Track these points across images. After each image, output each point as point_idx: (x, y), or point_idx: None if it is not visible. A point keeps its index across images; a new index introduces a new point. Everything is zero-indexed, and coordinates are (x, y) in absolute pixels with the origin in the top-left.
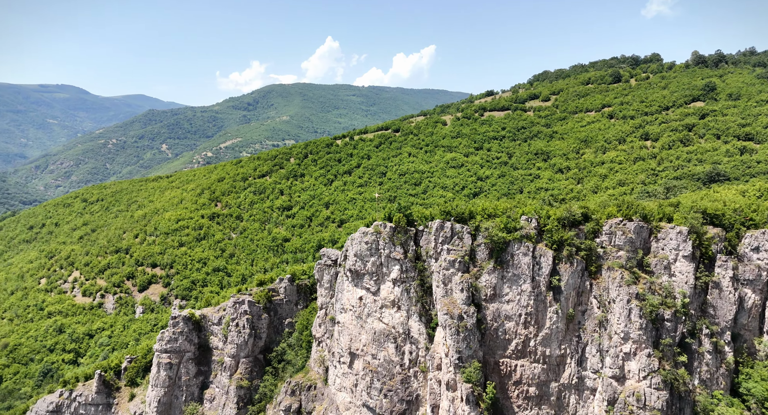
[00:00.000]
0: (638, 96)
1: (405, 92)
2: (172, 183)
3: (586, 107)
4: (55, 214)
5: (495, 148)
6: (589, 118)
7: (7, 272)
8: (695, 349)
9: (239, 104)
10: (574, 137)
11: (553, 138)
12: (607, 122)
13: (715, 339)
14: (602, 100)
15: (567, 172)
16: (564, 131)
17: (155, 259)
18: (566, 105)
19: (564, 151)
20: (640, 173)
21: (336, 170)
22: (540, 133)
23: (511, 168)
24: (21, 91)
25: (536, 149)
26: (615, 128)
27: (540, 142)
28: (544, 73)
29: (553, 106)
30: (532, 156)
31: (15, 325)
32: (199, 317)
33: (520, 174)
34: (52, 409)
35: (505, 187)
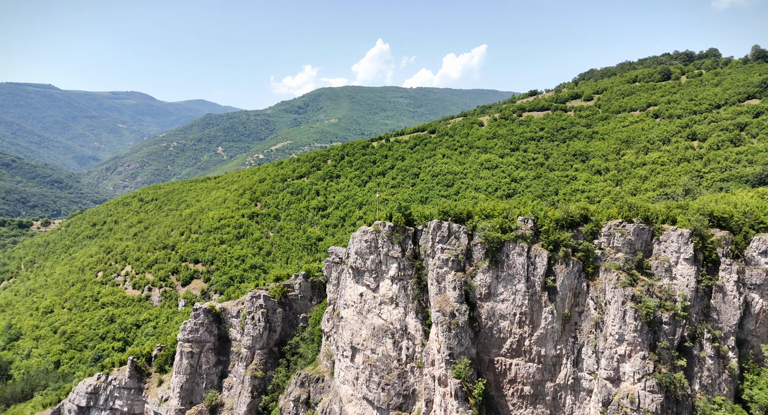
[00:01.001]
0: (687, 94)
1: (453, 93)
2: (219, 184)
3: (630, 106)
4: (115, 212)
5: (532, 149)
6: (632, 118)
7: (70, 265)
8: (696, 353)
9: (290, 108)
10: (615, 138)
11: (593, 139)
12: (652, 122)
13: (718, 344)
14: (648, 98)
15: (605, 174)
16: (605, 132)
17: (197, 255)
18: (609, 104)
19: (603, 152)
20: (683, 175)
21: (370, 172)
22: (580, 133)
23: (547, 169)
24: (95, 99)
25: (574, 150)
26: (659, 128)
27: (579, 143)
28: (590, 72)
29: (595, 106)
30: (570, 157)
31: (73, 314)
32: (219, 309)
33: (556, 176)
34: (90, 391)
35: (540, 188)
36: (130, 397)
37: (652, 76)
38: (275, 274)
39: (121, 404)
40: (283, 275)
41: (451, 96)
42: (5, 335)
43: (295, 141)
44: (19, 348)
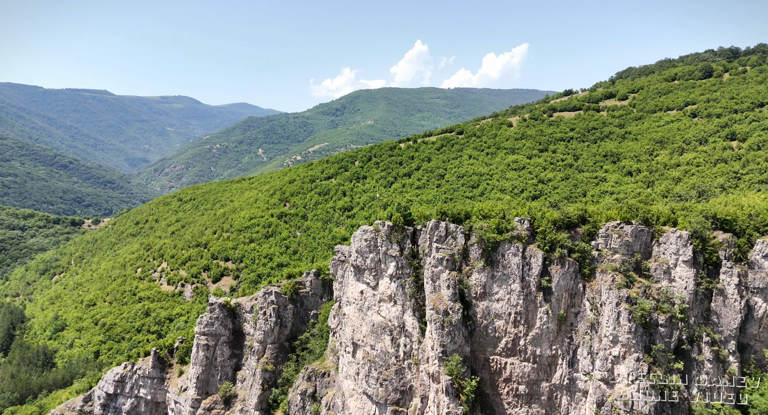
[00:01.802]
0: (728, 92)
1: (491, 93)
2: (252, 184)
3: (666, 106)
4: (156, 211)
5: (561, 149)
6: (668, 118)
7: (114, 261)
8: (694, 357)
9: (328, 110)
10: (649, 138)
11: (625, 139)
12: (689, 121)
13: (717, 348)
14: (686, 97)
15: (636, 176)
16: (638, 132)
17: (228, 253)
18: (644, 104)
19: (636, 153)
20: (719, 176)
21: (396, 173)
22: (612, 134)
23: (576, 170)
24: (146, 103)
25: (605, 151)
26: (697, 128)
27: (611, 144)
28: (628, 70)
29: (629, 106)
30: (600, 158)
31: (113, 307)
32: (234, 305)
33: (584, 177)
34: (117, 379)
35: (568, 190)
36: (153, 386)
37: (692, 73)
38: (288, 271)
39: (145, 393)
40: (296, 272)
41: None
42: (52, 326)
43: (332, 143)
44: (63, 338)
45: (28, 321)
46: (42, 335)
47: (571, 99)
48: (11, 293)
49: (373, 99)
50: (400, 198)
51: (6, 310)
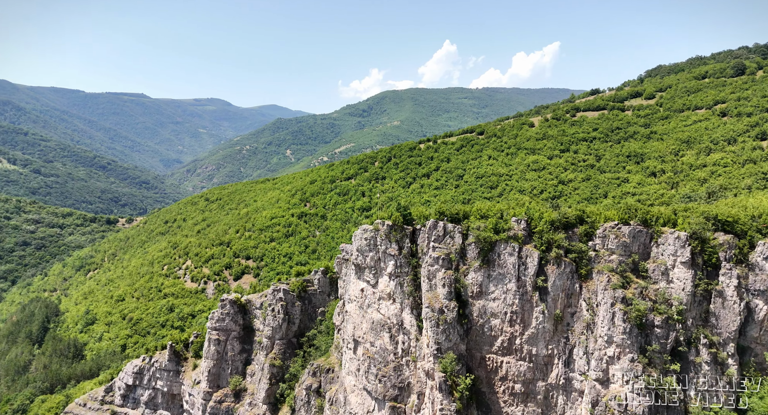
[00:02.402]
0: (761, 90)
1: (521, 93)
2: (275, 185)
3: (695, 105)
4: (184, 210)
5: (583, 150)
6: (696, 117)
7: (143, 258)
8: (691, 359)
9: (355, 111)
10: (675, 138)
11: (650, 139)
12: (718, 121)
13: (715, 350)
14: (715, 95)
15: (660, 176)
16: (664, 131)
17: (249, 252)
18: (671, 103)
19: (660, 153)
20: (747, 177)
21: (415, 173)
22: (636, 134)
23: (598, 171)
24: (180, 105)
25: (629, 151)
26: (726, 127)
27: (635, 144)
28: (657, 68)
29: (656, 105)
30: (624, 158)
31: (140, 303)
32: (244, 301)
33: (606, 178)
34: (136, 371)
35: (588, 191)
36: (169, 378)
37: (724, 71)
38: (297, 270)
39: (161, 385)
40: (305, 270)
41: (518, 96)
42: (83, 320)
43: (358, 144)
44: (93, 332)
45: (62, 315)
46: (74, 329)
47: (595, 98)
48: (49, 288)
49: (399, 100)
50: (418, 198)
51: (42, 304)
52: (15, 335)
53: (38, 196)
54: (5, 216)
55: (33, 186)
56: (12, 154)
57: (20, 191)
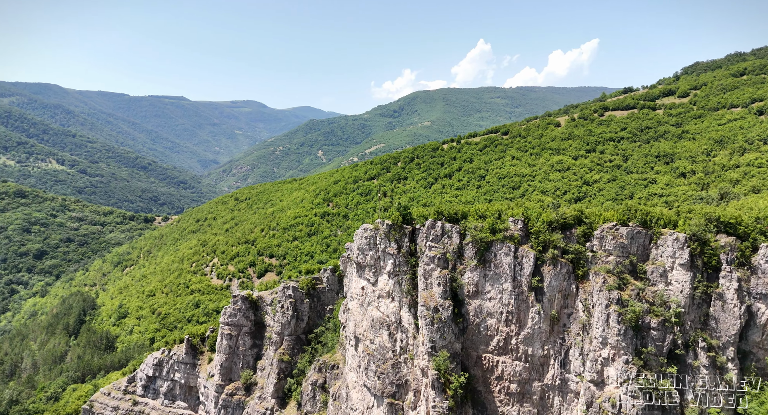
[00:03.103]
0: None
1: (556, 92)
2: (301, 185)
3: (730, 103)
4: (215, 210)
5: (609, 150)
6: (731, 115)
7: (174, 255)
8: (689, 362)
9: (386, 112)
10: (708, 137)
11: (681, 139)
12: (754, 119)
13: (714, 354)
14: (753, 93)
15: (690, 177)
16: (696, 131)
17: (272, 250)
18: (705, 101)
19: (692, 154)
20: None
21: (437, 173)
22: (667, 133)
23: (624, 172)
24: (217, 108)
25: (658, 151)
26: (762, 126)
27: (665, 144)
28: (694, 65)
29: (689, 103)
30: (652, 159)
31: (168, 298)
32: (256, 297)
33: (633, 178)
34: (156, 363)
35: (614, 192)
36: (186, 371)
37: (764, 68)
38: (306, 268)
39: (179, 377)
40: (315, 269)
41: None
42: (116, 314)
43: (388, 144)
44: (125, 325)
45: (98, 308)
46: (107, 322)
47: (625, 97)
48: (89, 283)
49: (431, 100)
50: (439, 199)
51: (80, 297)
52: (54, 326)
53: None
54: (52, 214)
55: (79, 185)
56: (61, 155)
57: (67, 190)
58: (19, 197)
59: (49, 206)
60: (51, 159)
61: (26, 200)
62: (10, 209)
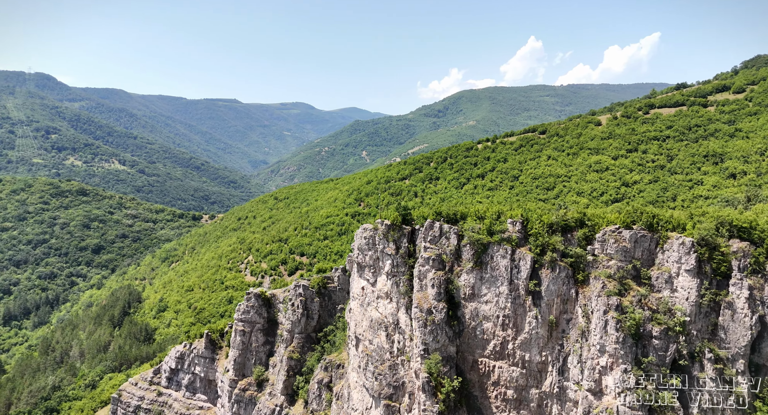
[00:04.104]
0: None
1: (610, 89)
2: (336, 185)
3: None
4: (255, 208)
5: (653, 149)
6: None
7: (214, 252)
8: (695, 374)
9: (430, 112)
10: (763, 135)
11: (734, 137)
12: None
13: (722, 366)
14: None
15: (741, 178)
16: (751, 129)
17: (303, 249)
18: (764, 97)
19: (744, 153)
20: None
21: (470, 174)
22: (718, 131)
23: (668, 173)
24: (267, 110)
25: (707, 151)
26: None
27: (715, 143)
28: (755, 59)
29: (744, 99)
30: (700, 159)
31: (204, 293)
32: (269, 295)
33: (677, 179)
34: (178, 356)
35: (655, 193)
36: (205, 365)
37: None
38: (318, 266)
39: (199, 370)
40: (327, 267)
41: (607, 92)
42: (157, 307)
43: (431, 144)
44: (163, 318)
45: (143, 301)
46: (148, 314)
47: (674, 94)
48: (140, 277)
49: (476, 99)
50: (470, 199)
51: (126, 291)
52: (101, 317)
53: (142, 193)
54: (109, 211)
55: (138, 184)
56: (123, 156)
57: (127, 189)
58: (81, 195)
59: (107, 204)
60: (114, 160)
61: (87, 198)
62: (72, 206)
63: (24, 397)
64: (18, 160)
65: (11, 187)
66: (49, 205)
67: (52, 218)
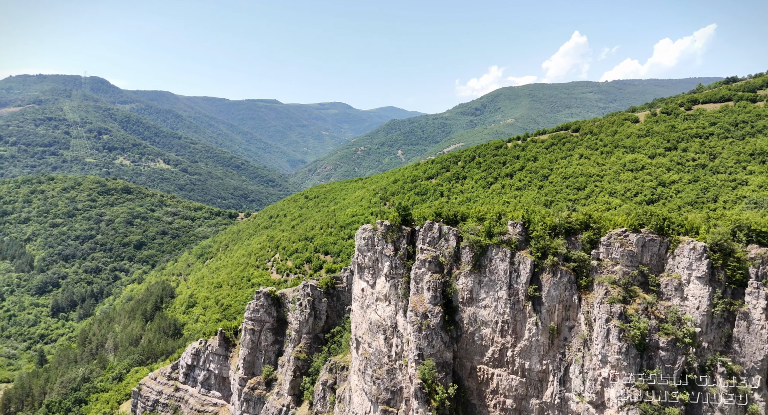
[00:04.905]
0: None
1: (659, 84)
2: (364, 184)
3: None
4: (286, 207)
5: (694, 147)
6: None
7: (245, 250)
8: (705, 389)
9: (467, 110)
10: None
11: None
12: None
13: (735, 381)
14: None
15: None
16: None
17: (328, 247)
18: None
19: None
20: None
21: (497, 173)
22: (766, 128)
23: (710, 172)
24: (306, 110)
25: (754, 149)
26: None
27: (763, 140)
28: None
29: None
30: (746, 157)
31: (232, 290)
32: (279, 294)
33: (719, 179)
34: (194, 352)
35: (694, 194)
36: (219, 362)
37: None
38: (328, 266)
39: (214, 367)
40: (338, 267)
41: (656, 88)
42: (186, 303)
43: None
44: (192, 314)
45: (175, 297)
46: (178, 310)
47: (720, 89)
48: (176, 273)
49: (515, 97)
50: (497, 199)
51: (160, 286)
52: (135, 312)
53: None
54: (151, 209)
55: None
56: (167, 156)
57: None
58: (126, 193)
59: (149, 202)
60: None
61: (131, 196)
62: (117, 204)
63: (56, 387)
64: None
65: (62, 185)
66: (96, 202)
67: (98, 215)
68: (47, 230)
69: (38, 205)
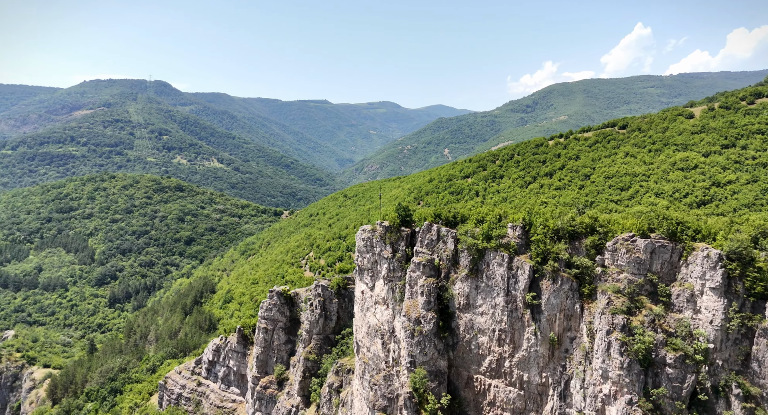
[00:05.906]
0: None
1: (731, 77)
2: (401, 183)
3: None
4: (325, 206)
5: (755, 145)
6: None
7: (284, 247)
8: (719, 412)
9: (518, 107)
10: None
11: None
12: None
13: (753, 405)
14: None
15: None
16: None
17: None
18: None
19: None
20: None
21: (536, 172)
22: None
23: None
24: (355, 109)
25: None
26: None
27: None
28: None
29: None
30: None
31: (267, 287)
32: (292, 294)
33: None
34: (215, 349)
35: (752, 195)
36: (237, 359)
37: None
38: (340, 267)
39: (233, 364)
40: (350, 268)
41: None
42: (223, 298)
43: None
44: (228, 309)
45: (216, 292)
46: (216, 305)
47: None
48: (221, 268)
49: (569, 93)
50: (534, 199)
51: (201, 281)
52: (176, 305)
53: (235, 189)
54: (201, 206)
55: (232, 181)
56: (221, 155)
57: (223, 186)
58: (178, 191)
59: (200, 199)
60: (213, 158)
61: (183, 193)
62: (170, 201)
63: (95, 376)
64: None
65: (122, 183)
66: (152, 199)
67: (153, 212)
68: (107, 225)
69: (100, 201)
